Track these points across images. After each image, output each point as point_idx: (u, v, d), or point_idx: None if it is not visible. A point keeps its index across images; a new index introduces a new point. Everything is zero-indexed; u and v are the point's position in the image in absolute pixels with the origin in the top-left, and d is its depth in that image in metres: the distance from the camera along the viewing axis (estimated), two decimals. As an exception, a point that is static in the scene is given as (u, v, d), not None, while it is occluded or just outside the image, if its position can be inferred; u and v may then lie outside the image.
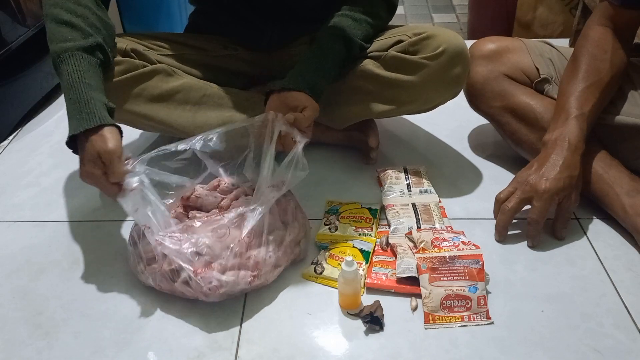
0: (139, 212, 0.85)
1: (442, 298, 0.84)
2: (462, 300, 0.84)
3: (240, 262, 0.84)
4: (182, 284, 0.84)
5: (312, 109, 0.96)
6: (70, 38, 0.89)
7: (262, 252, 0.86)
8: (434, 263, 0.87)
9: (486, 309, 0.85)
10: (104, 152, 0.83)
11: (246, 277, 0.85)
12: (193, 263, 0.82)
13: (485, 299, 0.85)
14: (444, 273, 0.86)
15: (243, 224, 0.86)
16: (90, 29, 0.92)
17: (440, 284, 0.85)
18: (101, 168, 0.84)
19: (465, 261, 0.87)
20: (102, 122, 0.84)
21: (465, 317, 0.84)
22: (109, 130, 0.85)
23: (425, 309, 0.85)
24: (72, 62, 0.88)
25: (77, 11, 0.92)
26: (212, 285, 0.82)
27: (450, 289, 0.85)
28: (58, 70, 0.89)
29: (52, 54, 0.90)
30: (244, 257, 0.85)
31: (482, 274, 0.86)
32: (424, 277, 0.86)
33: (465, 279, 0.85)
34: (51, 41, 0.91)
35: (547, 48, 1.15)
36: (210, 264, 0.83)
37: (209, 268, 0.82)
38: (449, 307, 0.85)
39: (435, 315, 0.84)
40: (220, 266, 0.83)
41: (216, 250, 0.84)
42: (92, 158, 0.83)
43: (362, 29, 1.06)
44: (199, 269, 0.82)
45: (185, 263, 0.82)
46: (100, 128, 0.84)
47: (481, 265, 0.86)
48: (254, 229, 0.86)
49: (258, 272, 0.86)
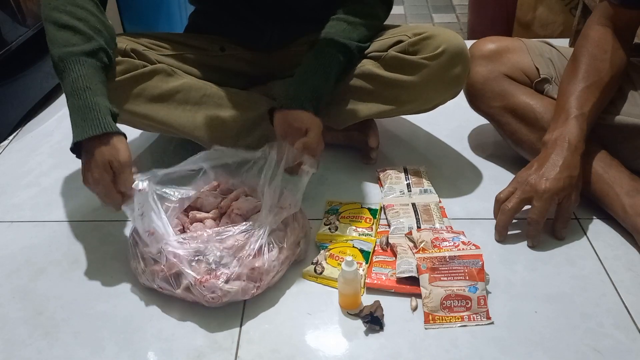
0: (144, 217, 0.85)
1: (442, 298, 0.84)
2: (462, 300, 0.84)
3: (244, 273, 0.84)
4: (184, 290, 0.84)
5: (315, 128, 0.97)
6: (73, 42, 0.89)
7: (266, 263, 0.86)
8: (434, 263, 0.87)
9: (486, 309, 0.85)
10: (117, 162, 0.84)
11: (249, 289, 0.85)
12: (197, 271, 0.82)
13: (485, 299, 0.85)
14: (444, 273, 0.86)
15: (250, 238, 0.86)
16: (92, 32, 0.91)
17: (440, 284, 0.85)
18: (110, 176, 0.85)
19: (465, 261, 0.87)
20: (107, 129, 0.85)
21: (465, 317, 0.84)
22: (118, 140, 0.86)
23: (425, 309, 0.85)
24: (76, 68, 0.87)
25: (78, 14, 0.91)
26: (215, 295, 0.83)
27: (450, 289, 0.85)
28: (61, 75, 0.89)
29: (55, 58, 0.89)
30: (249, 268, 0.84)
31: (482, 274, 0.86)
32: (424, 277, 0.86)
33: (466, 279, 0.85)
34: (53, 45, 0.90)
35: (547, 48, 1.15)
36: (214, 272, 0.83)
37: (214, 277, 0.82)
38: (449, 307, 0.85)
39: (435, 315, 0.84)
40: (225, 276, 0.83)
41: (222, 259, 0.83)
42: (102, 165, 0.84)
43: (358, 32, 1.06)
44: (203, 277, 0.82)
45: (189, 270, 0.82)
46: (107, 136, 0.85)
47: (481, 265, 0.86)
48: (259, 242, 0.86)
49: (261, 283, 0.86)
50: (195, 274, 0.82)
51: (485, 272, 0.86)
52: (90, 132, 0.84)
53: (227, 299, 0.83)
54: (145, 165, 1.24)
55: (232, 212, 0.95)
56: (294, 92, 1.00)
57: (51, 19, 0.91)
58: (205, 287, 0.82)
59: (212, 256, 0.83)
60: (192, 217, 0.96)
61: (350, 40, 1.04)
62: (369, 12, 1.08)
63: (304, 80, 1.01)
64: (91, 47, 0.90)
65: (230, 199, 0.98)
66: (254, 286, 0.85)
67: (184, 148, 1.23)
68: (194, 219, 0.95)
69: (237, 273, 0.84)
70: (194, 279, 0.82)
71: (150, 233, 0.85)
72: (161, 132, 1.23)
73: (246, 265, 0.84)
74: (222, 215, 0.97)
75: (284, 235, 0.90)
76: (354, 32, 1.06)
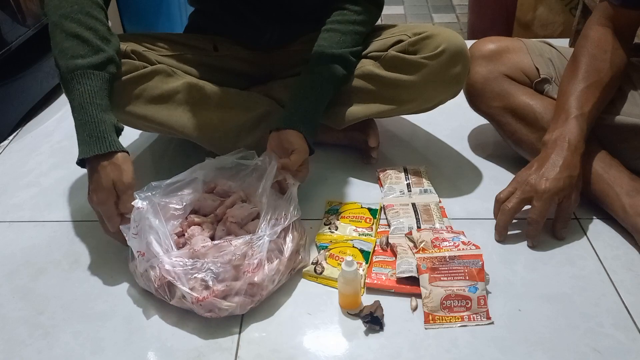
0: (138, 236, 0.85)
1: (442, 298, 0.84)
2: (462, 301, 0.84)
3: (243, 289, 0.83)
4: (178, 299, 0.84)
5: (300, 151, 0.98)
6: (82, 54, 0.89)
7: (266, 278, 0.85)
8: (434, 263, 0.87)
9: (486, 308, 0.85)
10: (121, 183, 0.86)
11: (247, 304, 0.84)
12: (195, 288, 0.82)
13: (485, 299, 0.85)
14: (444, 273, 0.86)
15: (248, 252, 0.85)
16: (101, 42, 0.91)
17: (440, 284, 0.85)
18: (114, 197, 0.87)
19: (465, 261, 0.87)
20: (113, 148, 0.86)
21: (465, 317, 0.84)
22: (123, 159, 0.87)
23: (425, 309, 0.85)
24: (83, 82, 0.88)
25: (88, 24, 0.90)
26: (212, 313, 0.82)
27: (451, 289, 0.85)
28: (67, 88, 0.89)
29: (62, 69, 0.89)
30: (248, 283, 0.84)
31: (482, 274, 0.86)
32: (424, 277, 0.86)
33: (466, 279, 0.85)
34: (61, 55, 0.89)
35: (547, 48, 1.15)
36: (212, 289, 0.82)
37: (212, 294, 0.81)
38: (449, 307, 0.85)
39: (435, 315, 0.84)
40: (222, 292, 0.82)
41: (219, 276, 0.83)
42: (107, 188, 0.86)
43: (352, 39, 1.07)
44: (201, 295, 0.81)
45: (187, 288, 0.81)
46: (112, 154, 0.86)
47: (481, 265, 0.86)
48: (258, 257, 0.85)
49: (261, 297, 0.86)
50: (193, 292, 0.81)
51: (485, 272, 0.86)
52: (95, 151, 0.86)
53: (225, 314, 0.83)
54: (145, 165, 1.24)
55: (227, 219, 0.95)
56: (288, 113, 1.02)
57: (61, 26, 0.90)
58: (202, 306, 0.81)
59: (210, 273, 0.82)
60: (191, 221, 0.95)
61: (345, 49, 1.05)
62: (362, 11, 1.08)
63: (299, 102, 1.03)
64: (100, 59, 0.90)
65: (226, 206, 0.97)
66: (252, 301, 0.85)
67: (184, 148, 1.24)
68: (192, 222, 0.95)
69: (236, 289, 0.83)
70: (191, 297, 0.81)
71: (141, 254, 0.85)
72: (161, 133, 1.23)
73: (245, 281, 0.83)
74: (218, 222, 0.96)
75: (283, 245, 0.90)
76: (348, 41, 1.06)
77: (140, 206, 0.85)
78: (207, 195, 1.00)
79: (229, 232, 0.93)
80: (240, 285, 0.83)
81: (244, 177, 1.01)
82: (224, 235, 0.92)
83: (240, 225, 0.94)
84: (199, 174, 0.98)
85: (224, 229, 0.93)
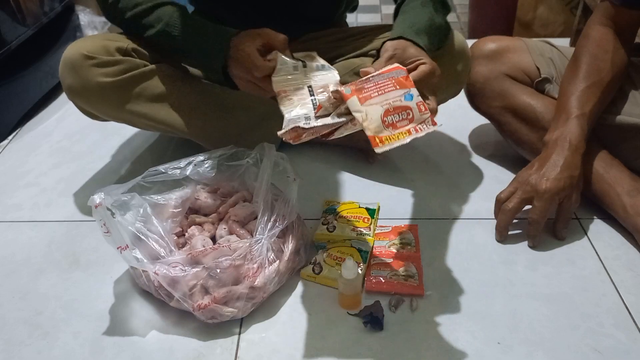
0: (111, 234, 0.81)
1: (382, 115, 0.75)
2: (403, 113, 0.76)
3: (244, 293, 0.83)
4: (176, 301, 0.83)
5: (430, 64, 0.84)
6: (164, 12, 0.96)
7: (267, 281, 0.85)
8: (357, 85, 0.77)
9: (428, 114, 0.76)
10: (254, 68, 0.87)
11: (248, 309, 0.84)
12: (195, 295, 0.82)
13: (424, 104, 0.76)
14: (372, 90, 0.77)
15: (248, 256, 0.85)
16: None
17: (373, 101, 0.76)
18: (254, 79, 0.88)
19: (388, 74, 0.78)
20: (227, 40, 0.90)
21: (413, 130, 0.76)
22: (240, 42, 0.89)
23: (369, 133, 0.74)
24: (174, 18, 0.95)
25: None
26: (214, 319, 0.82)
27: (387, 103, 0.76)
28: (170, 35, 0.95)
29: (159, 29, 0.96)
30: (248, 287, 0.83)
31: (410, 81, 0.78)
32: (353, 100, 0.76)
33: (397, 89, 0.77)
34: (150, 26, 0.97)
35: (547, 48, 1.15)
36: (212, 296, 0.82)
37: (212, 301, 0.81)
38: (392, 124, 0.76)
39: (381, 137, 0.74)
40: (223, 298, 0.82)
41: (221, 282, 0.83)
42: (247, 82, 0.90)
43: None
44: (202, 302, 0.81)
45: (184, 296, 0.81)
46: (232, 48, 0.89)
47: (406, 73, 0.79)
48: (258, 260, 0.85)
49: (260, 300, 0.86)
50: (193, 299, 0.81)
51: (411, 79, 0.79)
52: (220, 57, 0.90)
53: (227, 319, 0.83)
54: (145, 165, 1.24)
55: (230, 218, 0.94)
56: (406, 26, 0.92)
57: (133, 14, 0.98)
58: (204, 313, 0.81)
59: (210, 279, 0.82)
60: (191, 221, 0.95)
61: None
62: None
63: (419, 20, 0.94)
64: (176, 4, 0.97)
65: (229, 205, 0.97)
66: (252, 304, 0.85)
67: (184, 148, 1.23)
68: (192, 222, 0.95)
69: (238, 294, 0.83)
70: (192, 305, 0.81)
71: (122, 249, 0.81)
72: (161, 132, 1.23)
73: (246, 286, 0.83)
74: (220, 221, 0.96)
75: (283, 245, 0.90)
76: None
77: (98, 202, 0.80)
78: (208, 194, 1.00)
79: (231, 231, 0.93)
80: (241, 290, 0.83)
81: (243, 173, 1.00)
82: (225, 234, 0.92)
83: (242, 224, 0.94)
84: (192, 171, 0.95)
85: (226, 228, 0.93)
